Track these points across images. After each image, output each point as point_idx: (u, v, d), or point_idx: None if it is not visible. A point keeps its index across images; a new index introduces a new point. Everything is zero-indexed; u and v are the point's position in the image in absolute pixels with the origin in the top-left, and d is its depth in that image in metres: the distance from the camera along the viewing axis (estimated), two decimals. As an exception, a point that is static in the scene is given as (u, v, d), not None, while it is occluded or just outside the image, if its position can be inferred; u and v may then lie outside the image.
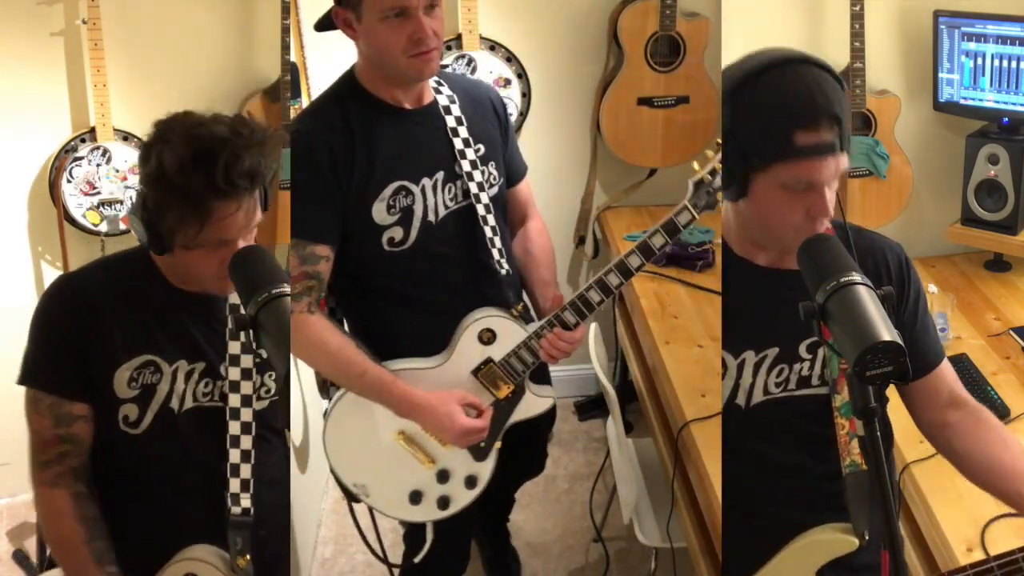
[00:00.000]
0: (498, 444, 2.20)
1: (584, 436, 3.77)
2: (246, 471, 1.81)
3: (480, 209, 2.15)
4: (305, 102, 3.20)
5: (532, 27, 3.48)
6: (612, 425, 2.80)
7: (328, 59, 2.89)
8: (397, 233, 2.08)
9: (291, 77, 3.12)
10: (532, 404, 2.23)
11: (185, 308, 1.84)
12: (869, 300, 1.41)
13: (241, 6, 3.25)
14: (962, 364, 2.64)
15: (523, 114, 3.49)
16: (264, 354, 1.83)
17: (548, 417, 2.42)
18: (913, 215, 3.32)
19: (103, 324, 1.77)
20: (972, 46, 3.04)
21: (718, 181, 2.03)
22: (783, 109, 1.55)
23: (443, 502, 2.21)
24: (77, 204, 3.13)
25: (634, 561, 3.11)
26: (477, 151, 2.16)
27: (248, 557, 1.78)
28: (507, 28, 3.42)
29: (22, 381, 1.79)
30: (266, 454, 1.88)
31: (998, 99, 3.04)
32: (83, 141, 3.12)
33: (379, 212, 2.05)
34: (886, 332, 1.36)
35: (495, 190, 2.21)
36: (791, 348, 1.70)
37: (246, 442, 1.82)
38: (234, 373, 1.81)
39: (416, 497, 2.20)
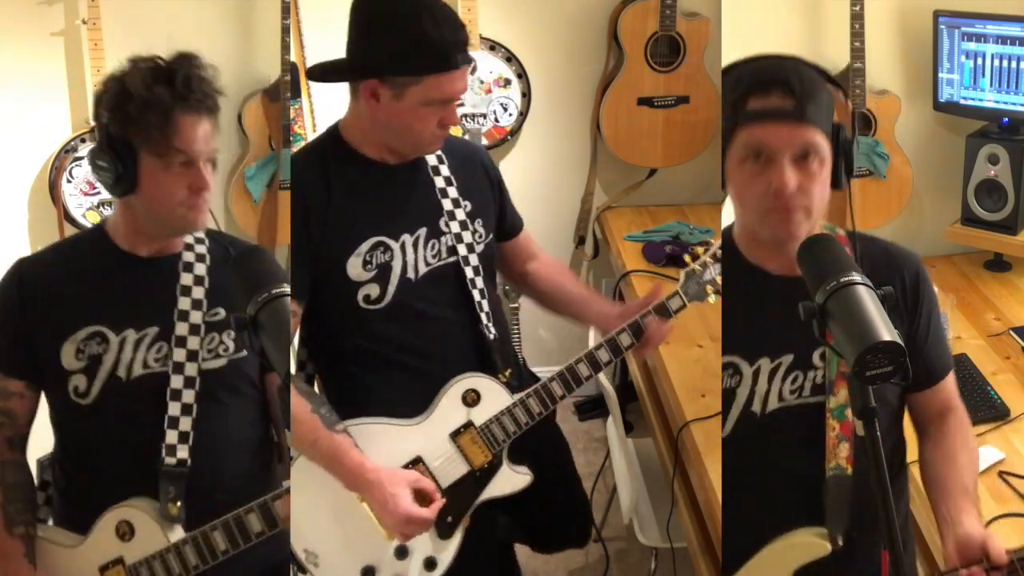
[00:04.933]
0: (466, 522, 2.04)
1: (584, 436, 3.77)
2: (185, 424, 1.84)
3: (468, 272, 2.08)
4: (305, 102, 3.21)
5: (532, 27, 3.48)
6: (612, 425, 2.80)
7: (328, 59, 2.89)
8: (373, 290, 1.99)
9: (291, 77, 3.13)
10: (508, 480, 2.07)
11: (135, 274, 1.88)
12: (869, 300, 1.41)
13: (241, 6, 3.25)
14: (962, 364, 2.63)
15: (523, 114, 3.49)
16: (222, 312, 1.89)
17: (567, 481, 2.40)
18: (913, 215, 3.32)
19: (48, 303, 1.85)
20: (972, 46, 3.04)
21: (707, 274, 2.11)
22: (741, 80, 1.59)
23: None
24: (77, 204, 3.13)
25: (634, 561, 3.11)
26: (465, 208, 2.10)
27: (179, 504, 1.81)
28: (507, 28, 3.43)
29: None
30: (219, 415, 1.90)
31: (998, 99, 3.04)
32: (83, 141, 3.12)
33: (354, 267, 1.97)
34: (886, 332, 1.36)
35: (482, 247, 2.12)
36: (805, 355, 1.68)
37: (188, 396, 1.85)
38: (181, 328, 1.85)
39: (368, 574, 2.01)
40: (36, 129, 3.14)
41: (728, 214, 1.76)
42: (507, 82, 3.44)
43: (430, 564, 2.03)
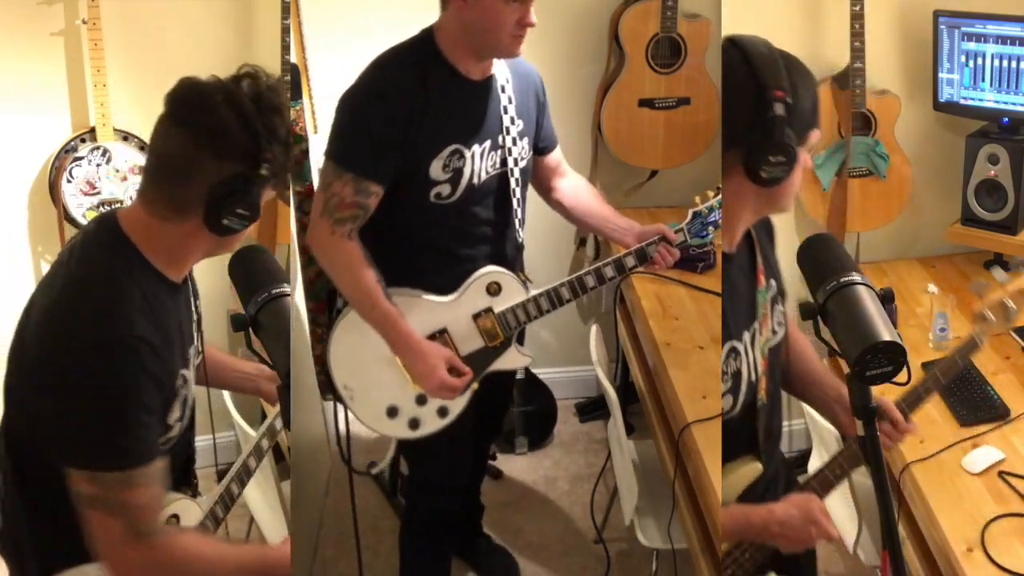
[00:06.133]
0: (475, 386, 2.40)
1: (585, 437, 3.77)
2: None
3: (512, 183, 2.39)
4: (306, 102, 3.21)
5: (532, 27, 3.47)
6: (613, 426, 2.80)
7: (328, 59, 2.90)
8: (445, 189, 2.28)
9: (291, 77, 3.12)
10: (513, 358, 2.45)
11: (179, 303, 1.76)
12: (869, 300, 1.42)
13: (241, 6, 3.25)
14: (962, 364, 2.64)
15: (523, 115, 3.49)
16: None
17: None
18: (913, 215, 3.32)
19: (153, 366, 1.62)
20: (972, 46, 3.03)
21: (713, 216, 2.40)
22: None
23: (414, 423, 2.40)
24: (77, 204, 3.13)
25: (635, 562, 3.11)
26: (518, 127, 2.38)
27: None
28: (507, 29, 3.42)
29: None
30: None
31: (998, 99, 3.04)
32: (83, 141, 3.12)
33: (436, 169, 2.25)
34: (886, 332, 1.36)
35: (524, 163, 2.43)
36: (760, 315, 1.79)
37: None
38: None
39: (392, 412, 2.39)
40: (36, 129, 3.14)
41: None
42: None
43: (442, 412, 2.40)
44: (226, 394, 2.60)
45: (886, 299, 1.46)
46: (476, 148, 2.30)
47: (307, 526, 3.17)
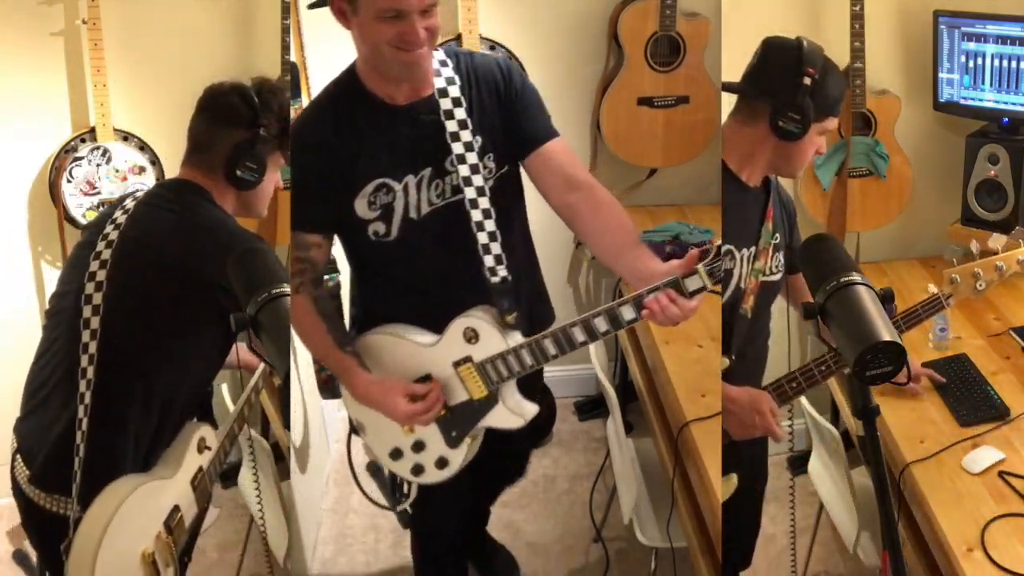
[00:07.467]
0: (469, 440, 2.20)
1: (584, 436, 3.77)
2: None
3: (476, 215, 2.10)
4: (305, 102, 3.21)
5: (532, 27, 3.48)
6: (612, 425, 2.80)
7: (328, 59, 2.89)
8: (380, 228, 2.13)
9: (291, 77, 3.12)
10: (503, 417, 2.16)
11: None
12: (869, 300, 1.42)
13: (241, 6, 3.25)
14: (962, 364, 2.64)
15: (523, 114, 3.48)
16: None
17: (533, 431, 2.33)
18: (913, 215, 3.32)
19: None
20: (972, 46, 3.04)
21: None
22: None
23: (417, 469, 2.27)
24: (77, 204, 3.13)
25: (634, 561, 3.12)
26: (478, 147, 2.10)
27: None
28: (507, 28, 3.42)
29: None
30: None
31: (998, 99, 3.04)
32: (83, 141, 3.12)
33: (361, 207, 2.11)
34: (886, 332, 1.36)
35: (492, 182, 2.14)
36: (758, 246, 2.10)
37: None
38: None
39: (396, 454, 2.27)
40: (36, 129, 3.14)
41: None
42: (507, 82, 3.43)
43: (441, 463, 2.24)
44: (226, 393, 2.60)
45: (886, 299, 1.46)
46: (410, 179, 2.09)
47: (307, 525, 3.17)
